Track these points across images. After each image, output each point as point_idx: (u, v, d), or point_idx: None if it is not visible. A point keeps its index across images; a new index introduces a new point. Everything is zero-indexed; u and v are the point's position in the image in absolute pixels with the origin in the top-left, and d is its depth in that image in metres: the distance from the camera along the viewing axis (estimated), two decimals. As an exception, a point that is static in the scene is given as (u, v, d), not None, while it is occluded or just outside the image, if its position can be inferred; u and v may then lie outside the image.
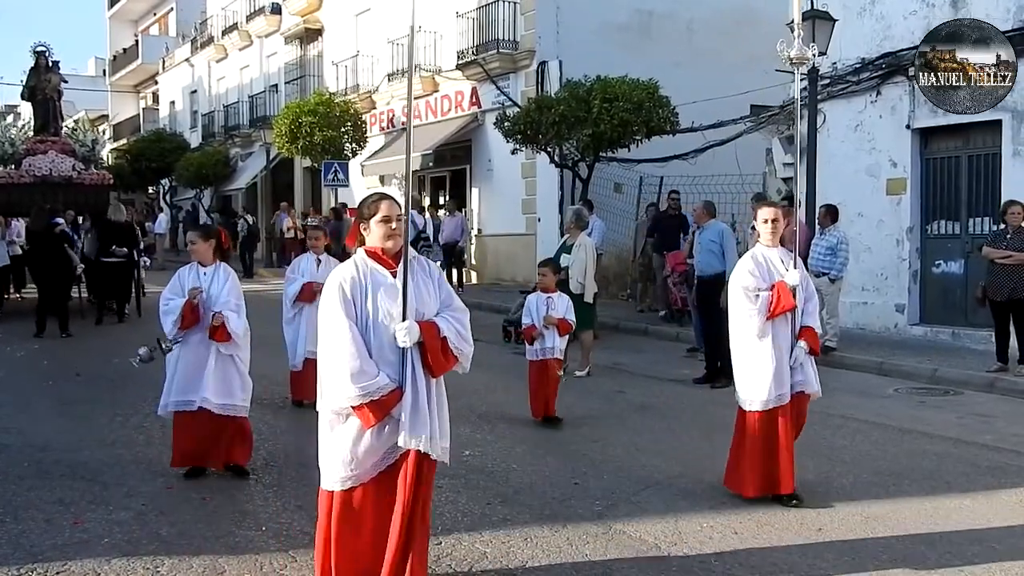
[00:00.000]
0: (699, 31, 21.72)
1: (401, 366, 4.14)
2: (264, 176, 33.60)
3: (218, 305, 6.42)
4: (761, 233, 6.28)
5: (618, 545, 5.26)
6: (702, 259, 10.69)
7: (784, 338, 6.08)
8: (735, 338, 6.22)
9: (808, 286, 6.26)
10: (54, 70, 19.55)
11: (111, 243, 15.39)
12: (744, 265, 6.21)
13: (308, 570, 4.84)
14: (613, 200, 19.27)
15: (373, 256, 4.28)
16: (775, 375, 5.99)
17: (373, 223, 4.28)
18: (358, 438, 4.14)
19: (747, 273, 6.13)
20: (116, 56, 51.72)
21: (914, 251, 13.46)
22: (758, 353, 6.04)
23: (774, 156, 16.02)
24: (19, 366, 11.48)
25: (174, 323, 6.39)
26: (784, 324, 6.09)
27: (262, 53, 34.89)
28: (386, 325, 4.14)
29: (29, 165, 18.08)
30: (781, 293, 6.00)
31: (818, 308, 6.38)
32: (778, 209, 6.35)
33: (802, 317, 6.16)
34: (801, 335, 6.13)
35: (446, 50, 23.35)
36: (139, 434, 7.85)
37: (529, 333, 8.40)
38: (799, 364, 6.11)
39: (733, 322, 6.22)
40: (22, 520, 5.58)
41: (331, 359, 4.10)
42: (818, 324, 6.28)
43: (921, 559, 5.13)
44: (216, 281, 6.54)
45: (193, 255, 6.67)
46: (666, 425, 8.51)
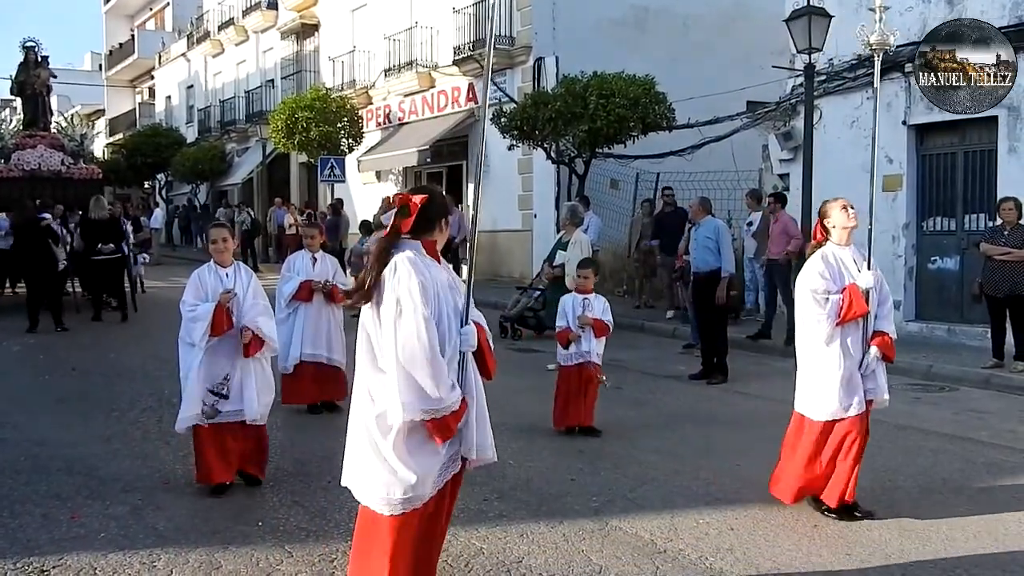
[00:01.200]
0: (695, 27, 21.71)
1: (461, 371, 3.86)
2: (260, 171, 33.56)
3: (246, 310, 6.02)
4: (838, 225, 5.77)
5: (614, 541, 5.27)
6: (698, 256, 10.70)
7: (855, 344, 5.69)
8: (802, 343, 5.86)
9: (882, 288, 5.84)
10: (43, 65, 19.56)
11: (97, 241, 15.07)
12: (814, 266, 5.77)
13: (304, 565, 4.86)
14: (609, 196, 19.27)
15: (430, 251, 3.94)
16: (844, 384, 5.61)
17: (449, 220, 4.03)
18: (432, 452, 3.79)
19: (816, 275, 5.71)
20: (112, 51, 51.62)
21: (910, 247, 13.47)
22: (826, 360, 5.66)
23: (770, 152, 16.04)
24: (14, 361, 11.47)
25: (204, 331, 5.88)
26: (855, 329, 5.69)
27: (258, 48, 34.85)
28: (447, 328, 3.82)
29: (18, 159, 18.09)
30: (853, 297, 5.59)
31: (893, 311, 5.95)
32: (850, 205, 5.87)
33: (875, 321, 5.75)
34: (873, 340, 5.71)
35: (443, 46, 23.33)
36: (135, 429, 7.84)
37: (564, 336, 7.88)
38: (871, 372, 5.72)
39: (800, 326, 5.85)
40: (19, 514, 5.59)
41: (411, 366, 3.66)
42: (893, 329, 5.84)
43: (917, 555, 5.14)
44: (239, 283, 6.10)
45: (216, 254, 6.18)
46: (663, 421, 8.51)
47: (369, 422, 3.80)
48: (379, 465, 3.78)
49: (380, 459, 3.78)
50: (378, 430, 3.77)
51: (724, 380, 10.40)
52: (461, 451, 3.88)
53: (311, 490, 6.14)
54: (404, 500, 3.77)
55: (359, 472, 3.87)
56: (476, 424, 3.89)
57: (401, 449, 3.75)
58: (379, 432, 3.77)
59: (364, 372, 3.86)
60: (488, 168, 22.22)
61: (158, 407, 8.65)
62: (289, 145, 25.23)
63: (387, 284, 3.75)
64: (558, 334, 7.99)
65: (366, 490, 3.85)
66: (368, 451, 3.82)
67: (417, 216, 3.87)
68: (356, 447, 3.90)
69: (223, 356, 6.01)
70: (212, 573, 4.75)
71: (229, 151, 35.57)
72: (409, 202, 3.88)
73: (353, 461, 3.92)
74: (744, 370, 10.90)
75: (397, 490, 3.75)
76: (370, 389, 3.82)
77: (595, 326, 7.84)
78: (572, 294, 8.19)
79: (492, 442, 4.03)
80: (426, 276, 3.75)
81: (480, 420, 3.93)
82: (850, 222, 5.74)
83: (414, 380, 3.66)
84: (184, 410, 6.02)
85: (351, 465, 3.93)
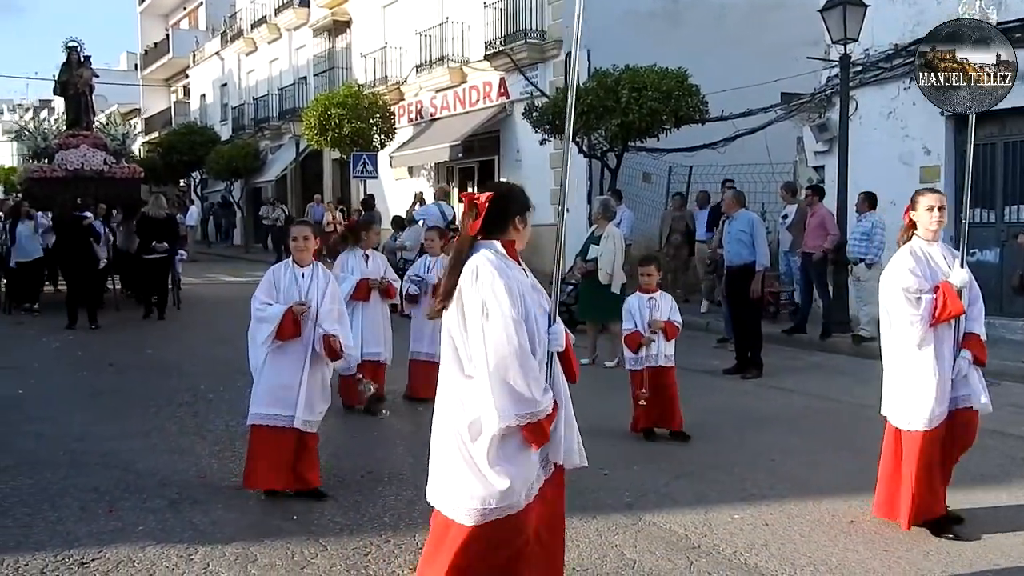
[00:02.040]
0: (728, 18, 21.53)
1: (549, 374, 3.71)
2: (294, 168, 33.77)
3: (322, 316, 5.84)
4: (922, 224, 5.43)
5: (648, 536, 5.25)
6: (731, 249, 10.63)
7: (948, 347, 5.35)
8: (890, 347, 5.46)
9: (972, 287, 5.50)
10: (86, 65, 19.76)
11: (151, 239, 14.97)
12: (903, 262, 5.38)
13: (338, 559, 4.89)
14: (642, 190, 19.19)
15: (510, 252, 3.79)
16: (940, 390, 5.27)
17: (528, 217, 3.89)
18: (525, 458, 3.63)
19: (907, 272, 5.31)
20: (147, 50, 52.21)
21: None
22: (920, 365, 5.27)
23: (805, 144, 15.89)
24: (54, 357, 11.62)
25: (269, 334, 5.73)
26: (947, 330, 5.35)
27: (291, 46, 35.05)
28: (535, 328, 3.67)
29: (62, 159, 18.32)
30: (947, 296, 5.24)
31: (983, 312, 5.62)
32: (943, 196, 5.54)
33: (966, 322, 5.44)
34: (965, 343, 5.41)
35: (474, 41, 23.34)
36: (172, 424, 7.92)
37: (635, 340, 7.44)
38: (962, 376, 5.39)
39: (888, 329, 5.45)
40: (58, 508, 5.66)
41: (504, 370, 3.51)
42: (983, 330, 5.54)
43: (957, 553, 5.08)
44: (316, 286, 5.90)
45: (295, 252, 5.98)
46: (696, 416, 8.45)
47: (461, 430, 3.63)
48: (469, 475, 3.60)
49: (471, 468, 3.60)
50: (470, 437, 3.61)
51: (759, 375, 10.33)
52: (551, 456, 3.73)
53: (345, 484, 6.17)
54: (496, 509, 3.57)
55: (447, 483, 3.69)
56: (564, 428, 3.75)
57: (494, 456, 3.57)
58: (470, 439, 3.61)
59: (451, 379, 3.71)
60: (520, 162, 22.25)
61: (194, 402, 8.74)
62: (322, 142, 25.35)
63: (469, 288, 3.61)
64: (627, 338, 7.55)
65: (453, 501, 3.66)
66: (458, 461, 3.64)
67: (486, 215, 3.72)
68: (443, 458, 3.71)
69: (288, 361, 5.81)
70: (248, 566, 4.79)
71: (263, 148, 35.81)
72: (477, 201, 3.75)
73: (440, 473, 3.73)
74: (779, 365, 10.81)
75: (491, 500, 3.57)
76: (460, 396, 3.65)
77: (666, 329, 7.45)
78: (637, 295, 7.71)
79: (580, 446, 3.87)
80: (509, 277, 3.62)
81: (568, 423, 3.79)
82: (932, 225, 5.40)
83: (508, 384, 3.51)
84: (251, 407, 5.91)
85: (438, 478, 3.74)
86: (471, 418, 3.60)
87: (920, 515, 5.33)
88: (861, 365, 11.10)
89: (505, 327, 3.51)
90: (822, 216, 12.53)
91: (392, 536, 5.23)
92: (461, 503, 3.62)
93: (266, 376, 5.82)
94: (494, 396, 3.52)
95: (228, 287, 20.88)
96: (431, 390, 4.01)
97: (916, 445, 5.28)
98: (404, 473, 6.41)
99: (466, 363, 3.65)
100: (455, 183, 25.46)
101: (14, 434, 7.54)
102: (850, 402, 8.98)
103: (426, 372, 8.16)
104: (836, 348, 12.07)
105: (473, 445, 3.60)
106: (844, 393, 9.38)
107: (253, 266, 27.01)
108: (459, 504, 3.63)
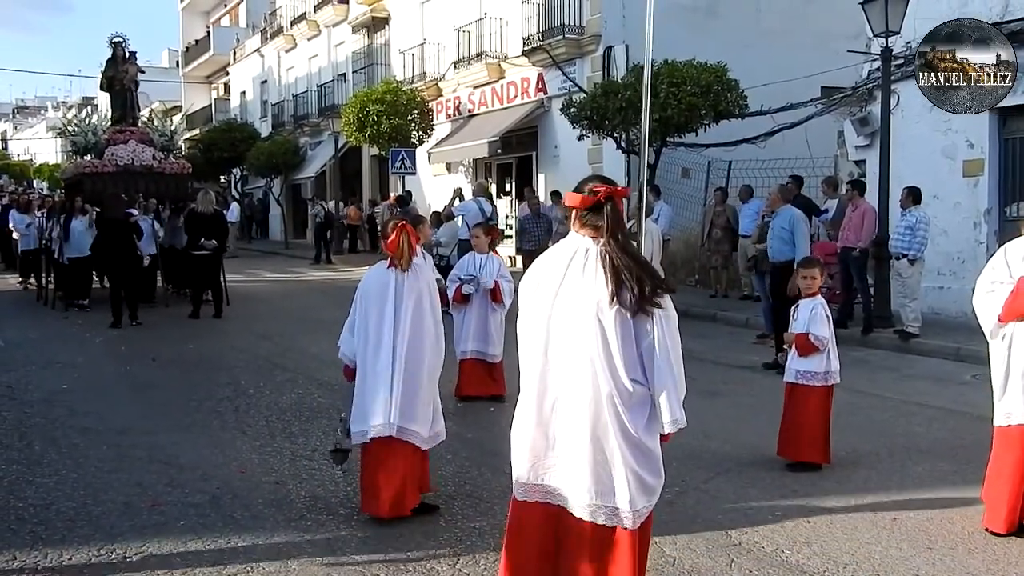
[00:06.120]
0: (768, 11, 21.33)
1: None
2: (333, 164, 33.97)
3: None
4: None
5: (689, 532, 5.22)
6: (774, 245, 10.56)
7: None
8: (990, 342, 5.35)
9: None
10: (131, 61, 19.92)
11: (200, 235, 14.83)
12: (994, 256, 5.31)
13: (379, 554, 4.90)
14: (681, 185, 19.08)
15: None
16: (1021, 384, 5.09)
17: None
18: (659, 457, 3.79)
19: (989, 266, 5.26)
20: (188, 48, 52.82)
21: (992, 234, 13.06)
22: (995, 357, 5.22)
23: (846, 139, 15.71)
24: (98, 352, 11.78)
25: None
26: None
27: (330, 43, 35.26)
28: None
29: (112, 154, 18.50)
30: (1021, 292, 5.04)
31: None
32: None
33: None
34: None
35: (512, 36, 23.32)
36: (213, 418, 8.00)
37: (810, 347, 6.67)
38: None
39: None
40: (102, 502, 5.74)
41: (679, 378, 3.72)
42: None
43: (1001, 548, 5.00)
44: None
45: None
46: (735, 412, 8.41)
47: (618, 436, 3.54)
48: (632, 481, 3.55)
49: (631, 474, 3.55)
50: (626, 443, 3.55)
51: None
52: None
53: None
54: (648, 507, 3.66)
55: (609, 493, 3.56)
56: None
57: (656, 462, 3.64)
58: (630, 445, 3.56)
59: (605, 382, 3.53)
60: (558, 158, 22.21)
61: (235, 397, 8.83)
62: (360, 138, 25.48)
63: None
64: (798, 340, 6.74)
65: (618, 510, 3.56)
66: (618, 468, 3.54)
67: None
68: (597, 466, 3.56)
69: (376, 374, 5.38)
70: (288, 562, 4.82)
71: (302, 145, 36.06)
72: (614, 194, 3.62)
73: (594, 483, 3.56)
74: (819, 360, 10.69)
75: (654, 498, 3.68)
76: (616, 401, 3.53)
77: (796, 343, 6.71)
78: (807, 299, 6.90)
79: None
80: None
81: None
82: None
83: (677, 394, 3.63)
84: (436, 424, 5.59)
85: (590, 488, 3.57)
86: (635, 423, 3.58)
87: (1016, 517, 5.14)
88: (903, 361, 10.98)
89: (676, 332, 3.72)
90: (864, 211, 12.36)
91: (434, 536, 5.23)
92: (630, 509, 3.56)
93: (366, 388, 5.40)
94: (671, 406, 3.63)
95: (270, 285, 20.97)
96: (480, 387, 3.94)
97: (1009, 440, 5.14)
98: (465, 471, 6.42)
99: (628, 367, 3.57)
100: (493, 179, 25.49)
101: (60, 428, 7.66)
102: (892, 398, 8.88)
103: (473, 370, 8.60)
104: (877, 344, 11.92)
105: (635, 450, 3.58)
106: (886, 389, 9.27)
107: (292, 263, 27.21)
108: (628, 511, 3.56)
